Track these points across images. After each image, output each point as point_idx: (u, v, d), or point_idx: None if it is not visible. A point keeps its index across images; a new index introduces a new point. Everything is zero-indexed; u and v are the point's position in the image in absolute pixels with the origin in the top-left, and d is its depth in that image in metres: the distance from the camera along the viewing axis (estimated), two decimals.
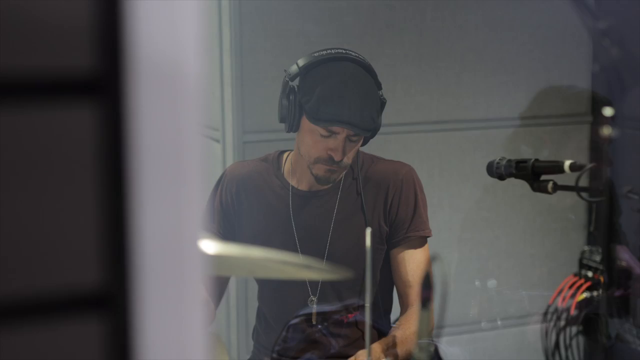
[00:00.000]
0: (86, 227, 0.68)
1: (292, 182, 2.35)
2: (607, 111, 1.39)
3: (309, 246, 2.32)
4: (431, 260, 2.33)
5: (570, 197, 3.44)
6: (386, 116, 3.18)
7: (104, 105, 0.68)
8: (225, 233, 2.36)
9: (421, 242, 2.35)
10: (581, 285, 3.29)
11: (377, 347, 2.17)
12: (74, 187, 0.68)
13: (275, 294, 2.39)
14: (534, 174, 1.95)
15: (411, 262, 2.31)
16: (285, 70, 2.27)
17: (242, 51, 2.98)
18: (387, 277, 2.37)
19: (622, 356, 3.28)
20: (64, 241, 0.68)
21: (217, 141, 3.10)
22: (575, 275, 3.32)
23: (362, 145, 2.30)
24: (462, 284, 3.34)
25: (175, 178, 0.74)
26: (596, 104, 3.40)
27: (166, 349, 0.72)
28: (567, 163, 1.88)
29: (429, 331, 1.43)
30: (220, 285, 2.41)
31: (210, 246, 1.29)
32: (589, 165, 1.80)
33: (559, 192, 3.36)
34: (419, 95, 3.23)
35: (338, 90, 2.18)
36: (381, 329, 2.37)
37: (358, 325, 2.36)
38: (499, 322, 3.41)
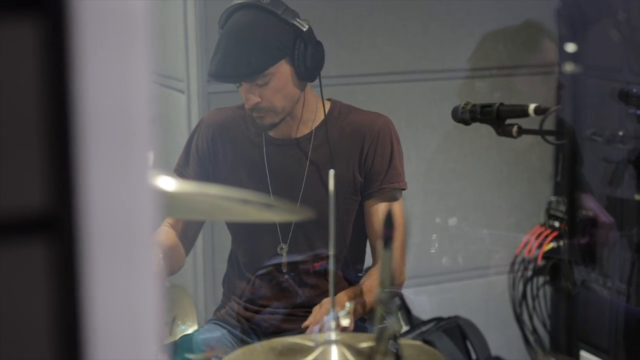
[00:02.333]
0: (30, 148, 0.67)
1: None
2: (570, 47, 1.38)
3: (282, 195, 2.31)
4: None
5: (537, 147, 3.44)
6: (353, 66, 3.18)
7: (45, 23, 0.66)
8: (200, 180, 2.36)
9: (396, 194, 2.33)
10: (547, 236, 3.31)
11: (343, 295, 2.17)
12: (18, 107, 0.66)
13: (247, 242, 2.39)
14: (498, 118, 1.94)
15: (384, 214, 2.30)
16: None
17: (207, 3, 2.95)
18: (360, 229, 2.36)
19: (587, 303, 3.32)
20: (7, 162, 0.66)
21: (182, 92, 3.08)
22: (541, 225, 3.34)
23: (310, 81, 2.28)
24: (428, 235, 3.35)
25: (124, 103, 0.72)
26: (562, 55, 3.40)
27: (113, 271, 0.71)
28: (532, 106, 1.88)
29: (393, 273, 1.42)
30: (191, 230, 2.41)
31: (167, 183, 1.28)
32: (554, 108, 1.80)
33: (526, 143, 3.38)
34: (386, 45, 3.21)
35: (216, 47, 2.25)
36: (352, 281, 2.37)
37: (327, 275, 2.35)
38: (460, 260, 3.42)
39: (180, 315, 3.24)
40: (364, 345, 1.65)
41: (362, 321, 2.41)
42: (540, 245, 3.30)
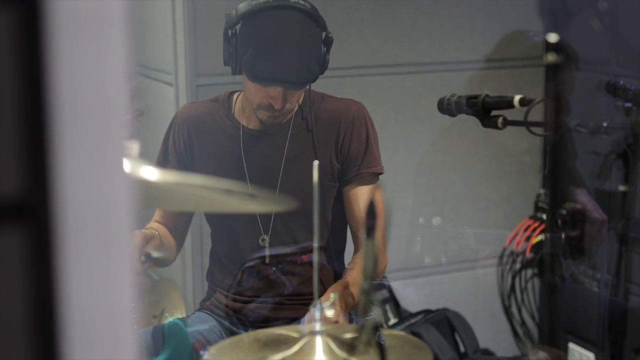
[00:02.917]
0: (6, 135, 0.66)
1: (243, 122, 2.34)
2: (552, 37, 1.38)
3: (260, 185, 2.31)
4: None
5: (526, 140, 3.44)
6: (341, 59, 3.17)
7: (21, 11, 0.66)
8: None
9: (373, 178, 2.34)
10: (536, 228, 3.30)
11: (332, 290, 2.18)
12: None
13: (227, 234, 2.39)
14: (484, 109, 1.95)
15: (363, 199, 2.31)
16: (226, 15, 2.25)
17: None
18: (340, 216, 2.37)
19: (575, 296, 3.32)
20: None
21: (170, 84, 3.07)
22: (530, 218, 3.33)
23: (312, 82, 2.28)
24: (417, 227, 3.35)
25: (100, 91, 0.72)
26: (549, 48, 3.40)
27: (89, 258, 0.71)
28: (517, 98, 1.88)
29: (376, 263, 1.42)
30: (181, 224, 2.42)
31: (150, 172, 1.27)
32: (538, 100, 1.80)
33: (515, 136, 3.38)
34: (374, 38, 3.21)
35: (271, 46, 2.17)
36: (335, 268, 2.38)
37: (312, 264, 2.36)
38: (443, 259, 3.42)
39: (169, 308, 3.24)
40: (349, 336, 1.65)
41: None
42: (528, 238, 3.30)
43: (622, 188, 2.20)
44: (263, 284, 2.35)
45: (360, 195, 2.31)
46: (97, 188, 0.71)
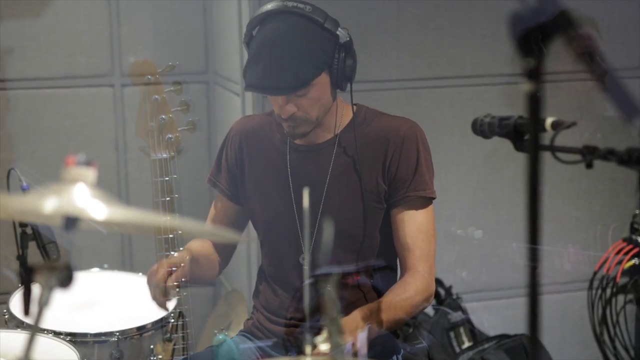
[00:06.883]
0: None
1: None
2: (529, 63, 1.23)
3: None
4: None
5: None
6: (415, 69, 3.05)
7: None
8: (231, 188, 2.36)
9: (422, 203, 2.22)
10: (629, 252, 3.09)
11: (357, 314, 2.07)
12: None
13: (271, 250, 2.33)
14: (516, 131, 1.79)
15: (410, 224, 2.21)
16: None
17: (261, 3, 2.88)
18: (389, 238, 2.26)
19: None
20: None
21: (237, 95, 3.03)
22: (624, 240, 3.12)
23: (343, 90, 2.20)
24: (499, 248, 3.19)
25: None
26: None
27: None
28: (549, 120, 1.72)
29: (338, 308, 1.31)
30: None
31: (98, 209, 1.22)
32: (568, 123, 1.64)
33: None
34: (451, 47, 3.07)
35: (255, 55, 2.14)
36: (383, 292, 2.27)
37: (360, 287, 2.27)
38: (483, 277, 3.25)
39: (236, 320, 3.20)
40: None
41: (395, 336, 2.32)
42: (620, 262, 3.10)
43: None
44: (301, 307, 2.27)
45: (407, 220, 2.21)
46: None
